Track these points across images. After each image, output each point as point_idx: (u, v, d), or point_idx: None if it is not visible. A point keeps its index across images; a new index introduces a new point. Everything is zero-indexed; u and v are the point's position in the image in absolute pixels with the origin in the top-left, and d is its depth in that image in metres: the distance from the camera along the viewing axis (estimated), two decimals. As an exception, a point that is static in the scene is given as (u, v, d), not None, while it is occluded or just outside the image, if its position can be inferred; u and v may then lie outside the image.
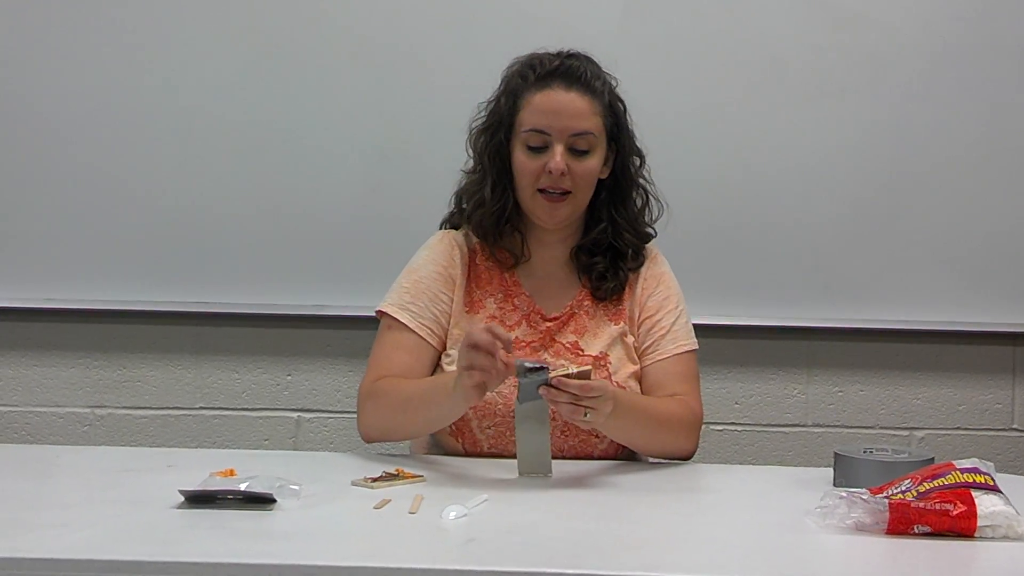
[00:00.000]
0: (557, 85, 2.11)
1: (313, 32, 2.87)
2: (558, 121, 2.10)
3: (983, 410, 3.00)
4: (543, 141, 2.11)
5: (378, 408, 2.10)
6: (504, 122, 2.16)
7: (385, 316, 2.18)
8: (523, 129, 2.12)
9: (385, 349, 2.17)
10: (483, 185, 2.18)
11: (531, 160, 2.12)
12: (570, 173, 2.10)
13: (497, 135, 2.17)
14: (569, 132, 2.10)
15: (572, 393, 1.84)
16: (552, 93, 2.11)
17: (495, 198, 2.17)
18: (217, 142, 2.87)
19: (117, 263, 2.89)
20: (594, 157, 2.13)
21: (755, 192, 2.90)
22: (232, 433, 2.97)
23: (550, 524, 1.69)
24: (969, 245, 2.91)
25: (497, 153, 2.17)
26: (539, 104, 2.12)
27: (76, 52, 2.86)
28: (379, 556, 1.49)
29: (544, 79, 2.12)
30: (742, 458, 2.98)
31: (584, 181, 2.13)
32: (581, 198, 2.15)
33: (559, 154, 2.09)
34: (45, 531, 1.56)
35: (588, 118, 2.11)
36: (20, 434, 2.95)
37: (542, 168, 2.10)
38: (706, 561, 1.54)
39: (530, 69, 2.15)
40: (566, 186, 2.11)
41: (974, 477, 1.65)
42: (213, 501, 1.69)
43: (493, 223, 2.18)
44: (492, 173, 2.18)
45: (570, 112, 2.10)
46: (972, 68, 2.89)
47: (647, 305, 2.22)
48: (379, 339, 2.19)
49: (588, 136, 2.11)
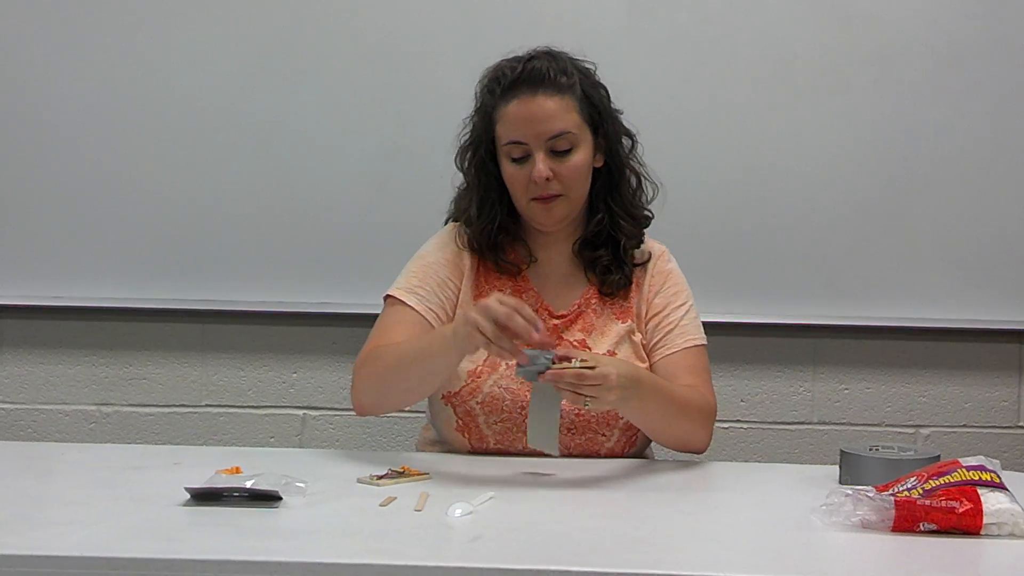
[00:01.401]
0: (523, 93, 2.10)
1: (319, 30, 2.87)
2: (531, 128, 2.09)
3: (989, 407, 2.99)
4: (523, 151, 2.11)
5: (371, 372, 2.08)
6: (483, 139, 2.17)
7: (391, 298, 2.19)
8: (502, 143, 2.13)
9: (386, 324, 2.16)
10: (471, 203, 2.19)
11: (517, 171, 2.12)
12: (557, 175, 2.10)
13: (478, 152, 2.17)
14: (545, 137, 2.09)
15: (570, 381, 1.84)
16: (520, 103, 2.10)
17: (483, 216, 2.17)
18: (223, 141, 2.87)
19: (124, 261, 2.89)
20: (578, 153, 2.12)
21: (761, 190, 2.90)
22: (238, 430, 2.97)
23: (556, 521, 1.69)
24: (975, 242, 2.91)
25: (482, 169, 2.18)
26: (510, 116, 2.11)
27: (83, 51, 2.86)
28: (385, 553, 1.49)
29: (510, 89, 2.11)
30: (748, 455, 2.98)
31: (573, 179, 2.12)
32: (574, 195, 2.14)
33: (540, 161, 2.09)
34: (51, 528, 1.56)
35: (561, 117, 2.10)
36: (26, 431, 2.96)
37: (529, 178, 2.10)
38: (712, 558, 1.54)
39: (495, 83, 2.14)
40: (555, 190, 2.11)
41: (980, 475, 1.65)
42: (219, 498, 1.69)
43: (486, 239, 2.18)
44: (479, 189, 2.18)
45: (541, 117, 2.09)
46: (979, 66, 2.88)
47: (654, 302, 2.21)
48: (380, 318, 2.19)
49: (566, 135, 2.10)
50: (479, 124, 2.18)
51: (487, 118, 2.16)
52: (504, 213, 2.18)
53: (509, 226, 2.20)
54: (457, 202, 2.25)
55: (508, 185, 2.15)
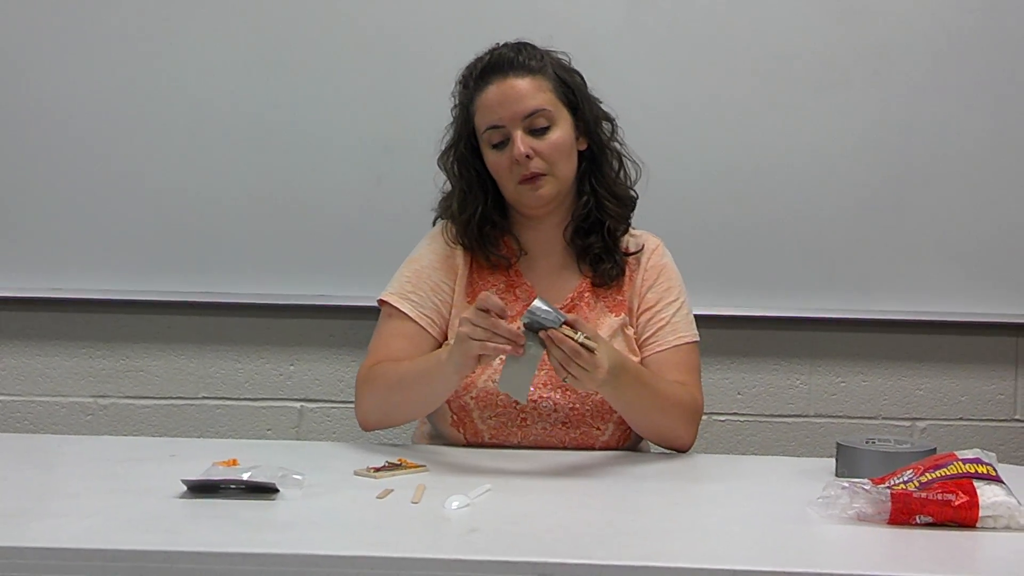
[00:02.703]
0: (495, 78, 2.12)
1: (319, 24, 2.86)
2: (506, 109, 2.10)
3: (986, 401, 2.99)
4: (502, 135, 2.12)
5: (374, 392, 2.11)
6: (463, 133, 2.18)
7: (386, 305, 2.19)
8: (482, 132, 2.14)
9: (384, 337, 2.18)
10: (453, 198, 2.21)
11: (499, 157, 2.13)
12: (538, 152, 2.10)
13: (459, 148, 2.19)
14: (520, 116, 2.10)
15: (563, 351, 1.85)
16: (493, 88, 2.12)
17: (465, 209, 2.18)
18: (220, 133, 2.87)
19: (121, 254, 2.88)
20: (557, 129, 2.12)
21: (759, 183, 2.89)
22: (235, 423, 2.97)
23: (553, 514, 1.69)
24: (972, 236, 2.91)
25: (463, 164, 2.19)
26: (485, 102, 2.13)
27: (82, 43, 2.85)
28: (382, 546, 1.49)
29: (481, 78, 2.14)
30: (744, 448, 2.98)
31: (555, 155, 2.12)
32: (560, 173, 2.14)
33: (519, 140, 2.09)
34: (48, 520, 1.57)
35: (534, 95, 2.11)
36: (23, 423, 2.96)
37: (511, 160, 2.11)
38: (708, 551, 1.54)
39: (468, 76, 2.17)
40: (539, 168, 2.11)
41: (976, 467, 1.65)
42: (216, 491, 1.70)
43: (472, 232, 2.18)
44: (461, 183, 2.19)
45: (513, 97, 2.11)
46: (979, 59, 2.88)
47: (647, 297, 2.21)
48: (379, 327, 2.20)
49: (542, 112, 2.11)
50: (459, 120, 2.19)
51: (465, 112, 2.17)
52: (489, 205, 2.18)
53: (496, 219, 2.19)
54: (442, 202, 2.25)
55: (494, 174, 2.15)
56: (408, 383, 2.07)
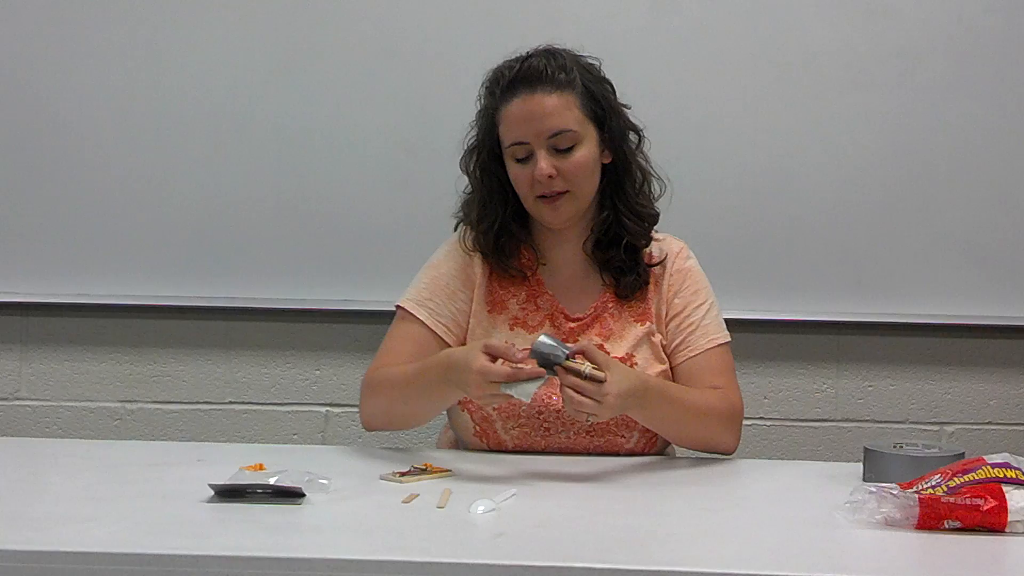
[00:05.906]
0: (522, 92, 2.09)
1: (339, 26, 2.87)
2: (532, 127, 2.07)
3: (1014, 404, 2.97)
4: (526, 151, 2.09)
5: (377, 396, 2.11)
6: (486, 141, 2.16)
7: (401, 310, 2.19)
8: (506, 145, 2.12)
9: (394, 340, 2.18)
10: (474, 205, 2.19)
11: (522, 171, 2.10)
12: (560, 172, 2.08)
13: (482, 155, 2.17)
14: (546, 135, 2.07)
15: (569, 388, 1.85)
16: (519, 102, 2.09)
17: (485, 218, 2.17)
18: (246, 138, 2.88)
19: (149, 259, 2.90)
20: (581, 150, 2.10)
21: (785, 185, 2.89)
22: (261, 427, 2.98)
23: (579, 519, 1.69)
24: (1000, 239, 2.89)
25: (485, 172, 2.17)
26: (511, 116, 2.10)
27: (101, 48, 2.86)
28: (407, 550, 1.49)
29: (509, 89, 2.10)
30: (771, 453, 2.97)
31: (577, 176, 2.10)
32: (580, 192, 2.12)
33: (542, 159, 2.07)
34: (76, 525, 1.57)
35: (561, 114, 2.08)
36: (51, 428, 2.97)
37: (533, 176, 2.09)
38: (735, 556, 1.54)
39: (495, 84, 2.14)
40: (559, 188, 2.09)
41: (1005, 472, 1.64)
42: (242, 495, 1.70)
43: (490, 242, 2.17)
44: (482, 191, 2.18)
45: (540, 115, 2.07)
46: (1004, 61, 2.86)
47: (674, 302, 2.19)
48: (391, 330, 2.20)
49: (567, 133, 2.08)
50: (482, 127, 2.17)
51: (489, 120, 2.15)
52: (509, 215, 2.17)
53: (515, 229, 2.18)
54: (463, 206, 2.24)
55: (515, 185, 2.14)
56: (409, 394, 2.07)
